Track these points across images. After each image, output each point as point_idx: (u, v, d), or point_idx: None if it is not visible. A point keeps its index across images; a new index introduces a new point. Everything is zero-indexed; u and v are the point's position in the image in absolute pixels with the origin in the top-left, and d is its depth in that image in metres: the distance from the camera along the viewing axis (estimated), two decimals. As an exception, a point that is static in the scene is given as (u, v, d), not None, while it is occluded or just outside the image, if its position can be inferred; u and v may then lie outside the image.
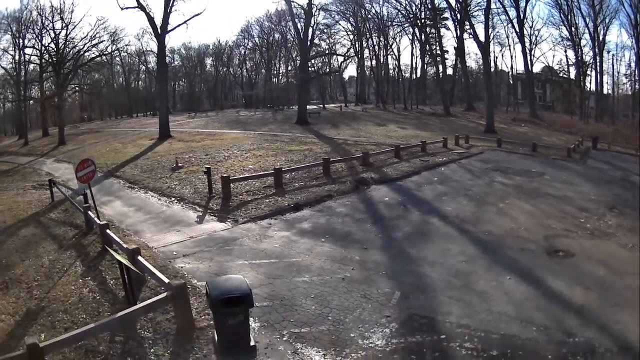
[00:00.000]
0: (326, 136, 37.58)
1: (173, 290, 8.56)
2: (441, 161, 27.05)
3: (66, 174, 26.84)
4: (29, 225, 16.86)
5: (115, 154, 32.92)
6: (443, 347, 8.28)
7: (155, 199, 19.14)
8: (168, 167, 25.51)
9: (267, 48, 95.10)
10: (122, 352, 8.18)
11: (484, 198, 19.06)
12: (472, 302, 10.01)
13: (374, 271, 11.47)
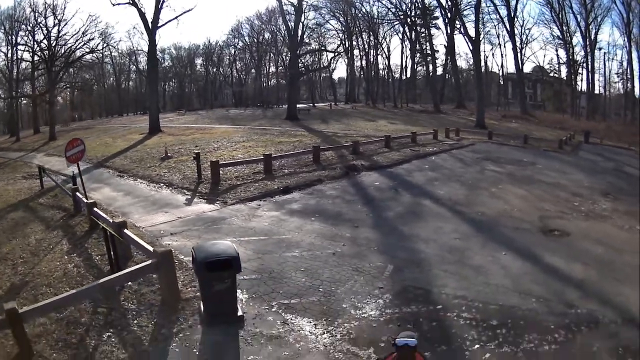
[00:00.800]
0: (316, 130, 37.42)
1: (158, 257, 8.37)
2: (432, 151, 27.01)
3: (56, 166, 26.51)
4: (18, 209, 16.68)
5: (105, 147, 32.62)
6: (440, 317, 8.15)
7: (144, 185, 18.95)
8: (157, 157, 25.29)
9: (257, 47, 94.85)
10: (104, 324, 7.97)
11: (476, 183, 19.02)
12: (468, 276, 9.90)
13: (365, 247, 11.35)
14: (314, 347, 7.22)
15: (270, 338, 7.45)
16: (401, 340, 4.56)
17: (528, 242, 12.18)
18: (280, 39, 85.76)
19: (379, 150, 26.01)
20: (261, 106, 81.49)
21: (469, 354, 7.04)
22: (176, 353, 7.10)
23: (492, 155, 27.05)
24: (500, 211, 14.93)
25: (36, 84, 60.26)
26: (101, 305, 8.55)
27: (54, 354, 7.06)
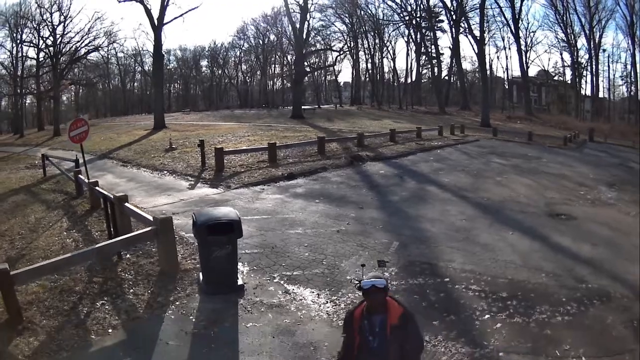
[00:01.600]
0: (321, 127, 37.31)
1: (158, 224, 8.22)
2: (437, 145, 26.89)
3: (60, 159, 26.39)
4: (19, 193, 16.66)
5: (109, 142, 32.54)
6: (448, 289, 7.94)
7: (147, 173, 18.86)
8: (161, 149, 25.17)
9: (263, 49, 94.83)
10: (99, 292, 7.78)
11: (481, 173, 18.83)
12: (475, 252, 9.70)
13: (370, 225, 11.18)
14: (317, 315, 7.03)
15: (270, 306, 7.26)
16: (367, 282, 3.94)
17: (535, 223, 11.96)
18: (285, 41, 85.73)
19: (383, 143, 25.85)
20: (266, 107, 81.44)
21: (479, 323, 6.82)
22: (172, 320, 6.91)
23: (497, 150, 26.85)
24: (506, 197, 14.72)
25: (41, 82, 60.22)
26: (97, 275, 8.39)
27: (44, 320, 6.86)
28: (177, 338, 6.42)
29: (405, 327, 3.92)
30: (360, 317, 4.01)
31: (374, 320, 3.95)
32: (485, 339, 6.37)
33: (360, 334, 3.97)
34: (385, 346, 3.88)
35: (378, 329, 3.92)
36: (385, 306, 3.97)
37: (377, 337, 3.92)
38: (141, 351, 6.07)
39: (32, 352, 6.05)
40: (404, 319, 3.96)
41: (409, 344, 3.94)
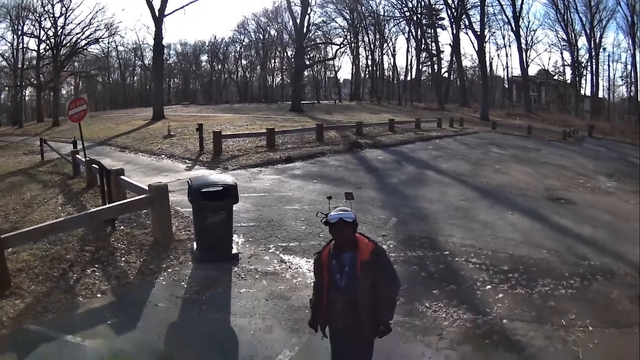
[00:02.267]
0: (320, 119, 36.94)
1: (153, 191, 8.02)
2: (435, 135, 26.86)
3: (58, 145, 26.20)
4: (16, 175, 16.51)
5: (108, 131, 32.31)
6: (448, 261, 7.75)
7: (145, 157, 18.69)
8: (160, 136, 24.97)
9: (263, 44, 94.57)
10: (90, 260, 7.57)
11: (480, 161, 18.71)
12: (474, 229, 9.54)
13: (368, 204, 10.99)
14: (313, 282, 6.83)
15: (265, 274, 7.07)
16: (334, 215, 3.66)
17: (535, 206, 11.85)
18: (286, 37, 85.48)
19: (382, 133, 25.73)
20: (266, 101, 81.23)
21: (480, 293, 6.63)
22: (162, 285, 6.72)
23: (496, 142, 26.78)
24: (505, 183, 14.59)
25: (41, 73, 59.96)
26: (90, 244, 8.20)
27: (32, 286, 6.66)
28: (167, 301, 6.23)
29: (376, 263, 3.65)
30: (328, 257, 3.76)
31: (342, 258, 3.69)
32: (487, 307, 6.19)
33: (329, 274, 3.74)
34: (355, 284, 3.64)
35: (347, 268, 3.67)
36: (354, 243, 3.71)
37: (346, 275, 3.68)
38: (129, 312, 5.88)
39: (16, 314, 5.86)
40: (375, 254, 3.68)
41: (382, 281, 3.68)
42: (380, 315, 3.74)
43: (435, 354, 5.08)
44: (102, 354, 4.97)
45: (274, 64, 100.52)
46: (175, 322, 5.75)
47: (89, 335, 5.35)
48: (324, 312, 3.82)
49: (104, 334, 5.40)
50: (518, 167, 18.02)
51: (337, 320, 3.79)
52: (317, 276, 3.92)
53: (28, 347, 5.08)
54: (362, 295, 3.63)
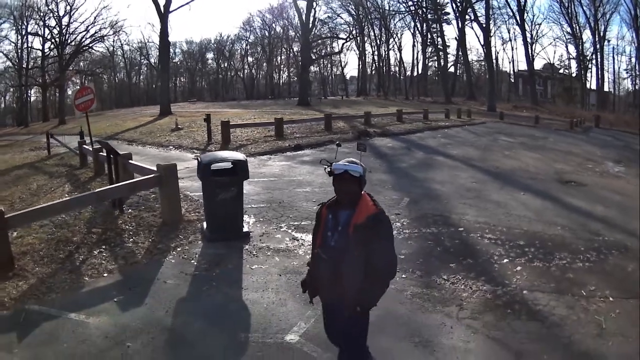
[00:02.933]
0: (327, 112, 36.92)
1: (162, 171, 7.88)
2: (444, 125, 26.72)
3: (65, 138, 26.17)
4: (22, 168, 16.39)
5: (115, 127, 32.20)
6: (462, 237, 7.58)
7: (153, 149, 18.59)
8: (167, 130, 24.85)
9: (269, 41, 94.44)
10: (97, 241, 7.42)
11: (489, 148, 18.61)
12: (487, 208, 9.39)
13: (379, 186, 10.84)
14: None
15: (277, 251, 6.91)
16: (339, 166, 3.23)
17: (546, 187, 11.71)
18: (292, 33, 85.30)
19: (390, 123, 25.57)
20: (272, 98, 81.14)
21: (498, 266, 6.45)
22: (171, 264, 6.55)
23: (505, 131, 26.63)
24: (515, 167, 14.45)
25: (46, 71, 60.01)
26: (97, 226, 8.06)
27: (36, 267, 6.49)
28: (176, 278, 6.07)
29: (373, 229, 3.16)
30: (326, 212, 3.38)
31: (339, 215, 3.28)
32: (506, 279, 6.01)
33: (323, 229, 3.36)
34: (343, 247, 3.20)
35: (341, 227, 3.24)
36: (356, 201, 3.26)
37: (337, 234, 3.25)
38: (136, 290, 5.71)
39: (19, 294, 5.69)
40: (375, 219, 3.18)
41: (375, 252, 3.18)
42: (360, 294, 3.24)
43: (457, 324, 4.90)
44: (106, 330, 4.78)
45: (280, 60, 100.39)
46: (184, 298, 5.58)
47: (93, 312, 5.17)
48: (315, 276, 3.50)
49: (109, 311, 5.22)
50: (527, 153, 17.88)
51: (321, 289, 3.46)
52: (315, 229, 3.51)
53: (29, 326, 4.90)
54: (348, 264, 3.19)
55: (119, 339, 4.63)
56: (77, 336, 4.71)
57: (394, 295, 5.48)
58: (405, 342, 4.54)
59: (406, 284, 5.81)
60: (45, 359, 4.33)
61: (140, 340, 4.62)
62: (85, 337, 4.68)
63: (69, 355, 4.38)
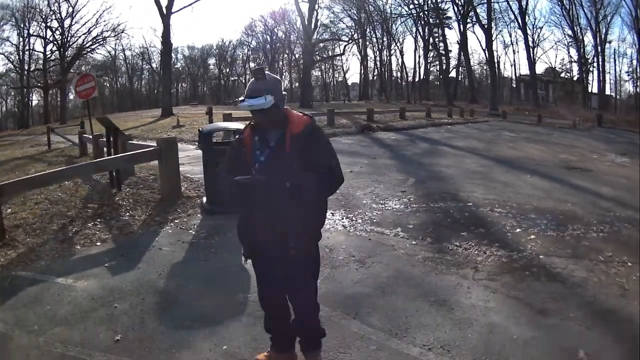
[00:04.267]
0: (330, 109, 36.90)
1: (162, 145, 7.62)
2: (447, 122, 26.58)
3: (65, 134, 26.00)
4: (22, 159, 16.18)
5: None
6: (472, 210, 7.29)
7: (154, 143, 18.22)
8: (169, 127, 24.72)
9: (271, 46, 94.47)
10: (92, 215, 7.14)
11: (493, 141, 18.40)
12: (495, 187, 9.12)
13: (384, 169, 10.64)
14: (332, 227, 6.37)
15: (282, 220, 6.62)
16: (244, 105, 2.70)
17: (552, 172, 11.47)
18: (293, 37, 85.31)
19: (393, 120, 25.36)
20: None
21: (511, 235, 6.15)
22: (168, 233, 6.26)
23: (508, 128, 26.50)
24: (520, 156, 14.23)
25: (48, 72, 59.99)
26: (93, 202, 7.79)
27: (28, 238, 6.20)
28: (173, 245, 5.78)
29: (312, 136, 2.79)
30: (251, 134, 2.89)
31: (269, 134, 2.82)
32: (520, 246, 5.71)
33: (251, 149, 2.84)
34: (278, 161, 2.74)
35: (273, 142, 2.80)
36: (284, 119, 2.83)
37: (269, 150, 2.79)
38: (129, 256, 5.41)
39: (7, 262, 5.39)
40: (313, 127, 2.84)
41: (320, 156, 2.79)
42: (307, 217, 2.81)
43: (474, 284, 4.59)
44: (93, 293, 4.48)
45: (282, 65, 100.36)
46: (179, 262, 5.28)
47: (82, 277, 4.87)
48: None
49: (99, 275, 4.92)
50: (531, 145, 17.71)
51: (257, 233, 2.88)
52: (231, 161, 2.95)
53: (13, 290, 4.61)
54: (286, 180, 2.69)
55: (106, 301, 4.32)
56: (62, 298, 4.41)
57: (404, 259, 5.22)
58: (420, 301, 4.23)
59: (417, 249, 5.51)
60: (25, 320, 4.02)
61: (129, 301, 4.30)
62: (70, 300, 4.38)
63: (51, 316, 4.07)
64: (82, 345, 3.59)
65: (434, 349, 3.48)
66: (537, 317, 4.00)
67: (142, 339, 3.67)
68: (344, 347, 3.48)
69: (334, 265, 5.02)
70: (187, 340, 3.65)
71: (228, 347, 3.54)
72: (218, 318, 3.96)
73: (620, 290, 4.58)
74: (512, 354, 3.43)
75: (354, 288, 4.49)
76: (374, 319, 3.89)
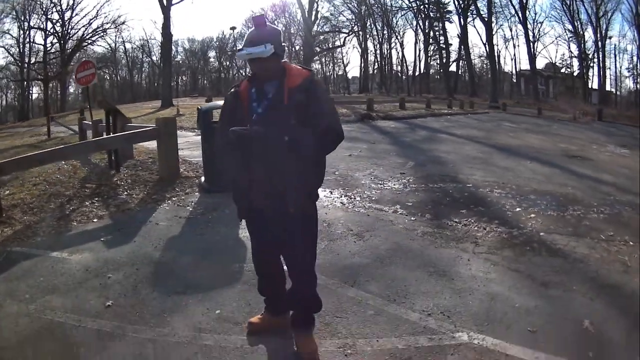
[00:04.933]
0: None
1: (161, 125, 7.54)
2: (447, 113, 26.45)
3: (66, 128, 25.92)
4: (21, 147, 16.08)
5: (114, 117, 31.96)
6: (471, 191, 7.26)
7: (152, 129, 18.18)
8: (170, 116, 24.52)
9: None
10: (90, 194, 7.08)
11: (493, 130, 18.38)
12: (495, 171, 9.07)
13: (383, 153, 10.60)
14: (331, 204, 6.32)
15: (278, 197, 6.56)
16: (241, 55, 2.65)
17: (552, 159, 11.43)
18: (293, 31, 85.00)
19: (393, 110, 25.27)
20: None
21: (511, 214, 6.11)
22: (165, 210, 6.20)
23: (508, 119, 26.43)
24: (520, 144, 14.16)
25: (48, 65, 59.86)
26: (91, 182, 7.72)
27: (25, 217, 6.13)
28: (170, 221, 5.72)
29: (310, 90, 2.65)
30: (247, 87, 2.78)
31: (266, 86, 2.72)
32: (520, 223, 5.66)
33: (247, 102, 2.74)
34: (275, 113, 2.64)
35: (270, 94, 2.70)
36: (282, 71, 2.72)
37: (266, 101, 2.69)
38: (126, 231, 5.35)
39: (2, 239, 5.33)
40: (312, 81, 2.71)
41: (319, 111, 2.64)
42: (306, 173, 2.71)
43: (474, 257, 4.54)
44: (87, 265, 4.43)
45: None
46: (175, 236, 5.22)
47: (77, 250, 4.82)
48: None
49: (94, 249, 4.87)
50: (531, 135, 17.65)
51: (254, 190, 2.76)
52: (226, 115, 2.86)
53: (7, 265, 4.54)
54: (285, 133, 2.56)
55: (100, 272, 4.26)
56: (56, 271, 4.35)
57: (403, 233, 5.16)
58: (419, 271, 4.17)
59: (416, 225, 5.46)
60: (17, 290, 3.96)
61: (123, 271, 4.25)
62: (64, 271, 4.32)
63: (44, 287, 4.01)
64: (72, 312, 3.54)
65: (433, 314, 3.43)
66: (540, 289, 3.95)
67: (134, 305, 3.62)
68: (340, 312, 3.43)
69: (332, 238, 4.96)
70: (179, 305, 3.60)
71: (221, 311, 3.49)
72: (212, 285, 3.90)
73: (623, 267, 4.53)
74: (515, 321, 3.39)
75: (352, 259, 4.44)
76: (372, 286, 3.85)
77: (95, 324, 3.37)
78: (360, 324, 3.29)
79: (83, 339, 3.17)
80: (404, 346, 3.04)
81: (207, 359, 2.93)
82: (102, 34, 59.67)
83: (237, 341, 3.12)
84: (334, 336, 3.16)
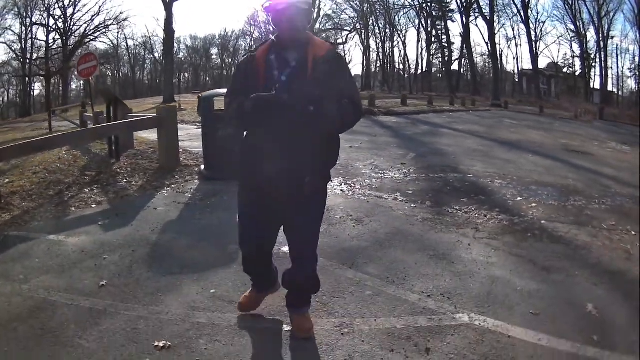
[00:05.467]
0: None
1: (162, 113, 7.49)
2: (449, 109, 26.40)
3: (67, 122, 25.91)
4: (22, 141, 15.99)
5: (116, 111, 31.93)
6: (472, 180, 7.24)
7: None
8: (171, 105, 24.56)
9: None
10: (90, 182, 7.04)
11: (494, 126, 18.29)
12: (496, 163, 9.03)
13: (384, 144, 10.57)
14: (330, 192, 6.25)
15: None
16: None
17: (553, 153, 11.44)
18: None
19: (395, 106, 25.15)
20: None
21: (512, 203, 6.08)
22: (164, 196, 6.16)
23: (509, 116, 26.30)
24: (521, 139, 14.09)
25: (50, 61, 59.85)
26: (91, 170, 7.68)
27: (23, 203, 6.08)
28: (168, 206, 5.67)
29: (334, 63, 2.54)
30: (265, 54, 2.60)
31: (287, 53, 2.56)
32: (522, 212, 5.63)
33: (266, 70, 2.55)
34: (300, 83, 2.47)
35: (294, 62, 2.53)
36: (306, 40, 2.57)
37: (289, 69, 2.52)
38: (124, 215, 5.30)
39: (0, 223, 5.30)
40: (336, 54, 2.60)
41: (345, 85, 2.56)
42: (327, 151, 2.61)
43: (475, 242, 4.51)
44: (83, 247, 4.40)
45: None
46: (173, 220, 5.18)
47: (74, 234, 4.78)
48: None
49: (91, 232, 4.83)
50: (532, 131, 17.59)
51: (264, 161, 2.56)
52: (237, 84, 2.67)
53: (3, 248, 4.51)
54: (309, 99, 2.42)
55: (96, 253, 4.22)
56: (52, 253, 4.31)
57: (403, 219, 5.12)
58: (419, 254, 4.14)
59: (416, 211, 5.42)
60: (12, 271, 3.92)
61: (119, 253, 4.21)
62: (60, 253, 4.28)
63: (39, 268, 3.98)
64: (65, 291, 3.50)
65: (433, 296, 3.39)
66: (542, 273, 3.92)
67: (128, 284, 3.59)
68: (338, 292, 3.39)
69: (331, 222, 4.92)
70: (174, 284, 3.56)
71: (216, 291, 3.45)
72: (209, 266, 3.87)
73: (626, 254, 4.49)
74: (517, 304, 3.35)
75: (351, 242, 4.40)
76: (370, 268, 3.81)
77: (88, 302, 3.33)
78: (358, 303, 3.25)
79: (75, 317, 3.13)
80: (403, 326, 3.00)
81: (200, 335, 2.89)
82: (105, 31, 59.42)
83: (230, 319, 3.09)
84: (331, 315, 3.12)
